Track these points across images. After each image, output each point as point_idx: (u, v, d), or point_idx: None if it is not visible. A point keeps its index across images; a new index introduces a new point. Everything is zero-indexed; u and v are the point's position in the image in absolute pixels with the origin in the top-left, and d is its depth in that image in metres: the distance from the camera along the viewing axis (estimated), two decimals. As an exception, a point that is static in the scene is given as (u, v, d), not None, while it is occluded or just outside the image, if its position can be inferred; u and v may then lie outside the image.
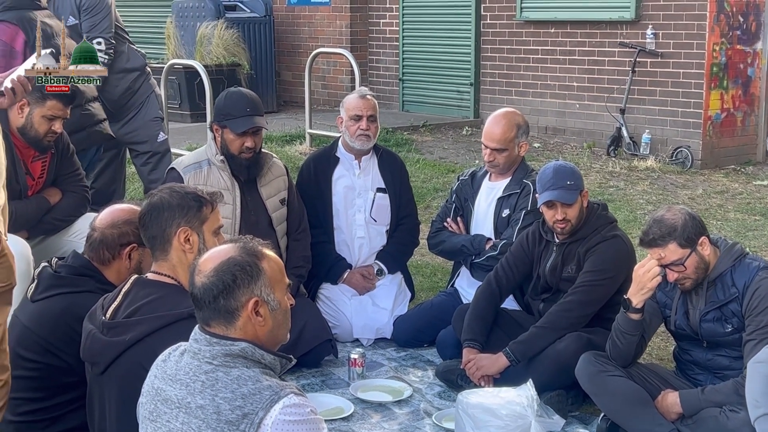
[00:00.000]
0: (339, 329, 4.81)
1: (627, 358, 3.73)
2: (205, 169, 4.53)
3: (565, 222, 4.10)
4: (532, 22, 10.19)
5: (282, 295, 2.41)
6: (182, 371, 2.32)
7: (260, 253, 2.39)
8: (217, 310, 2.33)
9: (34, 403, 3.17)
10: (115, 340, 2.90)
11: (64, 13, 5.60)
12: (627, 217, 7.03)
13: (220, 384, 2.25)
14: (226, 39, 11.08)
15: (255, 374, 2.27)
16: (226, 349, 2.30)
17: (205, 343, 2.32)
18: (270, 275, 2.37)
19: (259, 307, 2.35)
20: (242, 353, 2.30)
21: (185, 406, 2.27)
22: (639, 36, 9.25)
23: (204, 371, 2.29)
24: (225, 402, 2.22)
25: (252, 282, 2.34)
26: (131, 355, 2.86)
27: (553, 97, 10.11)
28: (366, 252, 5.02)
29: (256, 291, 2.34)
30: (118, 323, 2.92)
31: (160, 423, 2.34)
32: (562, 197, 4.06)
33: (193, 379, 2.29)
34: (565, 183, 4.06)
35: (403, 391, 4.19)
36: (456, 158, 9.17)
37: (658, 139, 9.15)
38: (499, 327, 4.33)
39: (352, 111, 4.91)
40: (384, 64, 11.72)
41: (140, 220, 3.08)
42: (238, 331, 2.34)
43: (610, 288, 4.07)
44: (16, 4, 4.89)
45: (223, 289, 2.32)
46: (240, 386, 2.24)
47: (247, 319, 2.34)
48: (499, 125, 4.63)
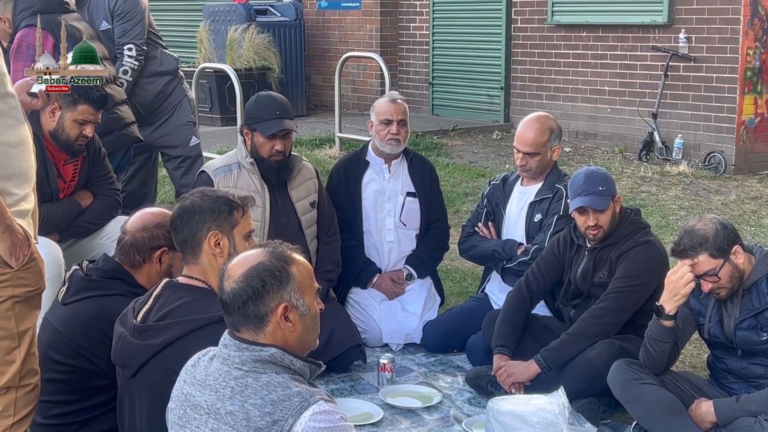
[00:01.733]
0: (368, 334, 4.80)
1: (660, 366, 3.69)
2: (235, 172, 4.53)
3: (597, 228, 4.06)
4: (563, 26, 10.13)
5: (311, 300, 2.39)
6: (212, 377, 2.32)
7: (289, 258, 2.38)
8: (247, 315, 2.32)
9: (64, 406, 3.18)
10: (146, 344, 2.90)
11: (97, 18, 5.63)
12: (659, 222, 6.96)
13: (249, 390, 2.24)
14: (256, 43, 11.12)
15: (284, 380, 2.25)
16: (255, 354, 2.29)
17: (235, 349, 2.31)
18: (299, 280, 2.36)
19: (289, 312, 2.33)
20: (272, 359, 2.28)
21: (215, 412, 2.27)
22: (672, 40, 9.17)
23: (233, 377, 2.28)
24: (255, 408, 2.21)
25: (281, 287, 2.33)
26: (162, 359, 2.86)
27: (584, 101, 10.05)
28: (395, 256, 5.00)
29: (285, 296, 2.33)
30: (150, 326, 2.92)
31: (189, 429, 2.33)
32: (594, 203, 4.02)
33: (222, 384, 2.28)
34: (598, 189, 4.02)
35: (432, 397, 4.17)
36: (486, 162, 9.13)
37: (690, 144, 9.07)
38: (529, 333, 4.30)
39: (382, 115, 4.90)
40: (414, 67, 11.70)
41: (172, 223, 3.09)
42: (267, 337, 2.32)
43: (642, 294, 4.03)
44: (44, 8, 4.92)
45: (252, 295, 2.31)
46: (269, 392, 2.22)
47: (276, 325, 2.33)
48: (531, 129, 4.60)
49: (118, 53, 5.62)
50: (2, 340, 2.78)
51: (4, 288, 2.73)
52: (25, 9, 4.89)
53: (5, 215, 2.69)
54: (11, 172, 2.74)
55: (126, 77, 5.59)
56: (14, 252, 2.71)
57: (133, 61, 5.60)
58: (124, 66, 5.59)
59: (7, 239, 2.69)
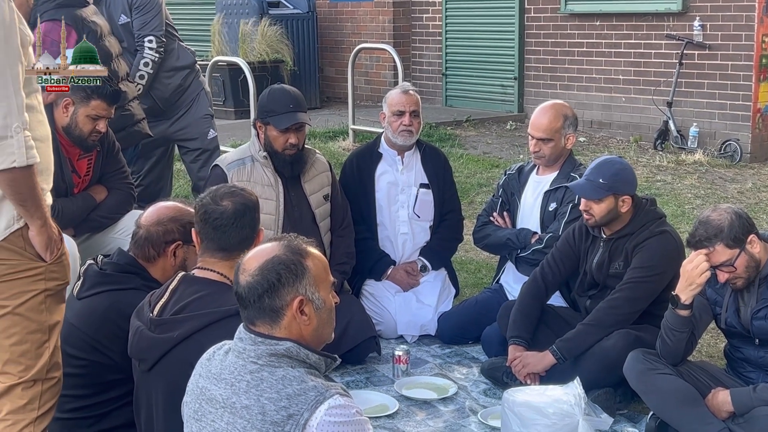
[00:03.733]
0: (383, 326, 4.79)
1: (677, 356, 3.67)
2: (249, 166, 4.53)
3: (589, 215, 4.05)
4: (576, 14, 10.08)
5: (327, 293, 2.39)
6: (227, 370, 2.32)
7: (304, 251, 2.38)
8: (262, 309, 2.32)
9: (81, 400, 3.20)
10: (163, 337, 2.91)
11: (116, 12, 5.64)
12: (675, 211, 6.93)
13: (265, 384, 2.24)
14: (269, 36, 11.11)
15: (300, 374, 2.25)
16: (271, 348, 2.29)
17: (250, 342, 2.31)
18: (315, 273, 2.36)
19: (304, 306, 2.33)
20: (287, 353, 2.28)
21: (230, 406, 2.27)
22: (686, 28, 9.11)
23: (249, 371, 2.28)
24: (270, 402, 2.21)
25: (297, 281, 2.32)
26: (179, 352, 2.87)
27: (598, 90, 10.00)
28: (410, 248, 5.00)
29: (300, 290, 2.33)
30: (166, 320, 2.93)
31: (204, 422, 2.33)
32: (582, 190, 4.04)
33: (238, 378, 2.28)
34: (597, 179, 4.01)
35: (448, 389, 4.17)
36: (500, 153, 9.11)
37: (706, 133, 9.01)
38: (545, 324, 4.29)
39: (395, 106, 4.89)
40: (427, 59, 11.67)
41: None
42: (282, 331, 2.32)
43: (658, 284, 4.01)
44: (66, 2, 4.93)
45: (267, 288, 2.31)
46: (285, 386, 2.22)
47: (291, 318, 2.32)
48: (546, 115, 4.59)
49: (139, 46, 5.64)
50: (33, 334, 2.82)
51: (37, 281, 2.79)
52: (47, 1, 4.90)
53: (44, 210, 2.75)
54: (41, 168, 2.78)
55: (147, 69, 5.61)
56: (50, 246, 2.78)
57: (154, 53, 5.62)
58: (145, 58, 5.61)
59: (45, 234, 2.75)
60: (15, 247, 2.74)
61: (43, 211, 2.75)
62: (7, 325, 2.77)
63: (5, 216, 2.72)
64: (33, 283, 2.78)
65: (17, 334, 2.78)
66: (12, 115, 2.59)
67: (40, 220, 2.74)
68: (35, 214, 2.72)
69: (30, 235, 2.75)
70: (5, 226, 2.72)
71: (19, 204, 2.69)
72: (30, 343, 2.81)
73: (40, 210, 2.74)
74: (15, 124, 2.60)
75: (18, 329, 2.78)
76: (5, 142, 2.59)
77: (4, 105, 2.59)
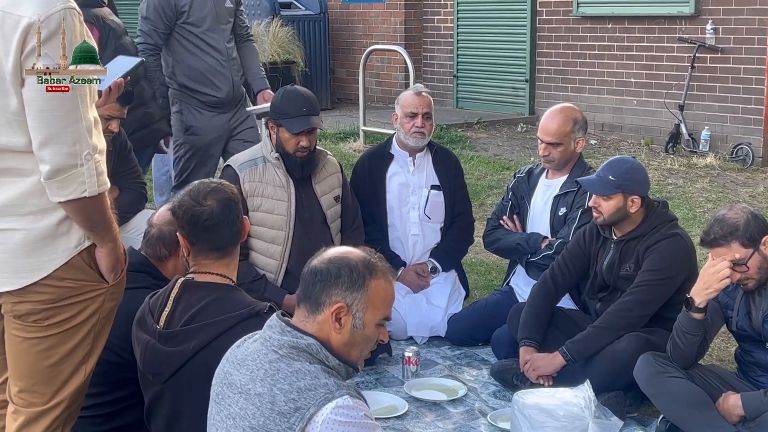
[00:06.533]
0: (393, 327, 4.78)
1: (688, 359, 3.66)
2: (261, 166, 4.54)
3: (597, 212, 4.05)
4: (588, 17, 10.07)
5: (373, 321, 2.36)
6: (250, 357, 2.34)
7: (375, 272, 2.36)
8: (311, 294, 2.34)
9: (92, 398, 3.18)
10: (177, 350, 2.88)
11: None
12: (686, 215, 6.91)
13: (280, 375, 2.25)
14: (280, 37, 11.13)
15: (315, 370, 2.26)
16: (293, 341, 2.30)
17: (278, 331, 2.33)
18: (371, 295, 2.34)
19: (342, 314, 2.32)
20: (308, 349, 2.29)
21: (246, 392, 2.29)
22: (698, 31, 9.08)
23: (269, 360, 2.29)
24: (281, 393, 2.22)
25: (350, 289, 2.32)
26: (198, 362, 2.85)
27: (610, 93, 9.98)
28: (420, 249, 5.00)
29: (348, 299, 2.32)
30: (178, 332, 2.90)
31: (223, 405, 2.36)
32: (592, 185, 4.04)
33: (258, 366, 2.30)
34: (608, 176, 4.01)
35: (457, 390, 4.16)
36: (511, 155, 9.10)
37: (717, 136, 8.99)
38: (555, 326, 4.28)
39: (407, 108, 4.89)
40: (438, 60, 11.67)
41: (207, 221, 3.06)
42: (315, 325, 2.33)
43: (670, 287, 4.00)
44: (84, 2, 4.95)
45: (323, 279, 2.33)
46: (298, 380, 2.23)
47: (327, 318, 2.32)
48: (555, 119, 4.58)
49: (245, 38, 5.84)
50: (73, 355, 2.70)
51: (96, 301, 2.66)
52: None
53: (115, 233, 2.65)
54: None
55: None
56: (116, 268, 2.68)
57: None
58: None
59: (114, 255, 2.65)
60: (83, 264, 2.62)
61: (113, 234, 2.63)
62: (52, 344, 2.64)
63: (76, 233, 2.59)
64: (92, 303, 2.65)
65: (59, 354, 2.65)
66: (82, 141, 2.46)
67: (110, 243, 2.62)
68: (105, 237, 2.61)
69: (97, 256, 2.63)
70: (76, 243, 2.60)
71: (89, 229, 2.59)
72: (68, 363, 2.68)
73: (111, 233, 2.62)
74: (85, 151, 2.46)
75: (61, 349, 2.65)
76: (75, 171, 2.46)
77: (73, 131, 2.46)
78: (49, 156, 2.44)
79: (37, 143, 2.45)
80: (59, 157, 2.44)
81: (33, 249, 2.56)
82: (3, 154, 2.52)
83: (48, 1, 2.43)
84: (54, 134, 2.44)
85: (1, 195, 2.55)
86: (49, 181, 2.47)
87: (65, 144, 2.44)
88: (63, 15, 2.43)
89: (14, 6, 2.42)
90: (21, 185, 2.54)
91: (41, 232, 2.56)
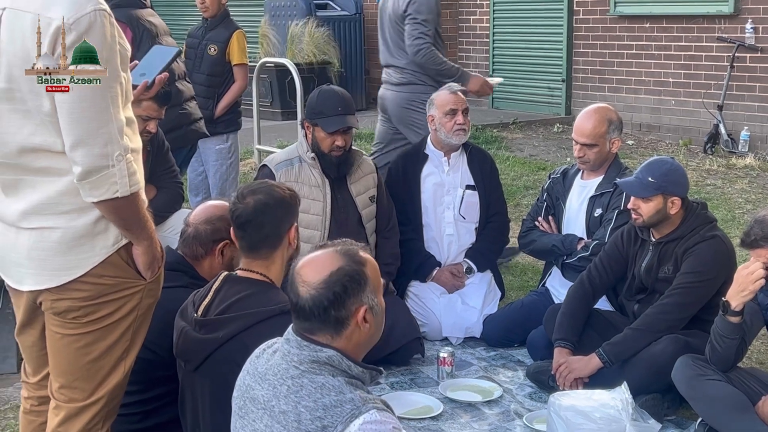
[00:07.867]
0: (428, 327, 4.78)
1: (727, 363, 3.62)
2: (297, 166, 4.55)
3: (637, 214, 4.01)
4: (626, 16, 9.98)
5: (381, 296, 2.37)
6: (271, 371, 2.31)
7: (363, 260, 2.35)
8: (327, 321, 2.29)
9: (128, 396, 3.19)
10: (208, 338, 2.92)
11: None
12: (725, 216, 6.83)
13: (304, 391, 2.22)
14: (316, 37, 11.15)
15: (339, 384, 2.23)
16: (313, 355, 2.26)
17: (296, 346, 2.30)
18: (373, 280, 2.34)
19: (367, 313, 2.32)
20: (329, 361, 2.26)
21: (270, 408, 2.26)
22: (738, 30, 8.97)
23: (291, 375, 2.26)
24: (306, 411, 2.19)
25: (361, 291, 2.30)
26: (225, 352, 2.88)
27: (647, 93, 9.89)
28: (455, 250, 4.98)
29: (364, 299, 2.31)
30: (211, 320, 2.94)
31: (247, 420, 2.34)
32: (630, 187, 4.01)
33: (280, 381, 2.28)
34: (647, 177, 3.97)
35: (493, 392, 4.14)
36: (546, 156, 9.05)
37: (757, 136, 8.87)
38: (591, 328, 4.24)
39: (446, 106, 4.88)
40: (474, 60, 11.64)
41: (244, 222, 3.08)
42: (343, 341, 2.30)
43: (709, 290, 3.95)
44: (123, 2, 4.99)
45: (334, 300, 2.27)
46: (323, 396, 2.20)
47: (355, 327, 2.30)
48: (590, 120, 4.55)
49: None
50: (112, 351, 2.73)
51: (134, 298, 2.69)
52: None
53: (150, 231, 2.67)
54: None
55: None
56: (152, 265, 2.70)
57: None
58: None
59: (150, 253, 2.67)
60: (121, 262, 2.64)
61: (149, 232, 2.65)
62: (91, 340, 2.67)
63: (113, 231, 2.62)
64: (130, 300, 2.68)
65: (98, 350, 2.68)
66: (113, 142, 2.48)
67: (146, 241, 2.65)
68: (141, 236, 2.63)
69: (135, 254, 2.66)
70: (113, 241, 2.62)
71: (124, 229, 2.61)
72: (108, 359, 2.71)
73: (146, 231, 2.64)
74: (117, 152, 2.48)
75: (100, 345, 2.68)
76: (107, 172, 2.48)
77: (104, 132, 2.47)
78: (81, 157, 2.46)
79: (69, 145, 2.47)
80: (90, 158, 2.46)
81: (71, 247, 2.59)
82: (39, 154, 2.55)
83: (78, 4, 2.45)
84: (85, 136, 2.46)
85: (39, 194, 2.58)
86: (82, 182, 2.50)
87: (96, 145, 2.46)
88: (93, 17, 2.45)
89: (46, 8, 2.45)
90: (57, 184, 2.56)
91: (78, 230, 2.59)
